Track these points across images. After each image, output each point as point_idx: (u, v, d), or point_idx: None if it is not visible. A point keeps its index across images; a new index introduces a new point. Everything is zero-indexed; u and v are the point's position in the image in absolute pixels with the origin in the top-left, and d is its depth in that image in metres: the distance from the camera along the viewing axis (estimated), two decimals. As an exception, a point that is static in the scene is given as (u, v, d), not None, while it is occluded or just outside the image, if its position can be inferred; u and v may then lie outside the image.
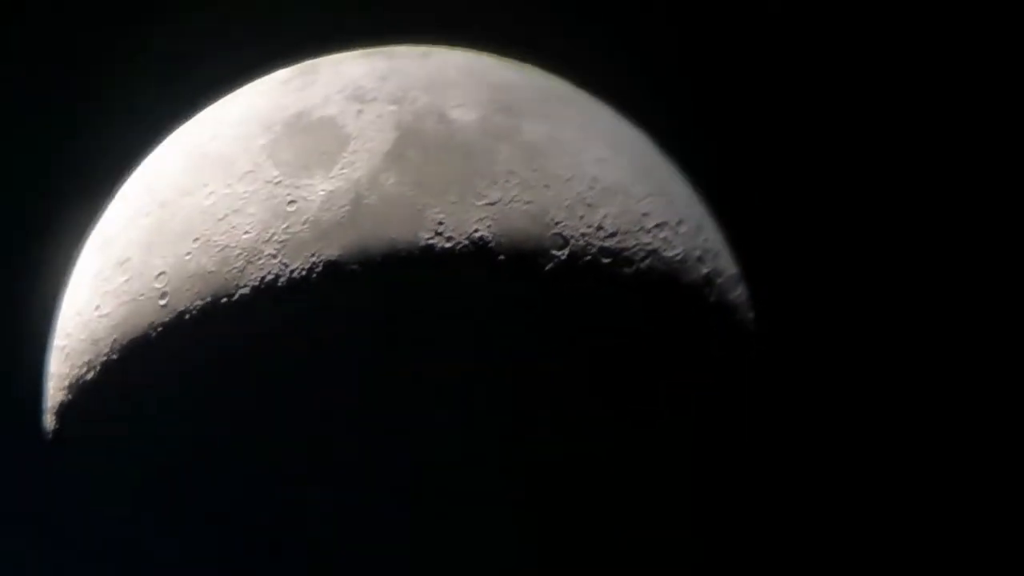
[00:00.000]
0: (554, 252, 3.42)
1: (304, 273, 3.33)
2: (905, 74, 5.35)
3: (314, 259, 3.34)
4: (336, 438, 3.30)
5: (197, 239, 3.48)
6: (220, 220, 3.48)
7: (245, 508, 3.38)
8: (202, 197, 3.56)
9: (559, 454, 3.40)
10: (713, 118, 5.23)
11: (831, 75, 5.34)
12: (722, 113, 5.26)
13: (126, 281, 3.57)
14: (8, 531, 4.95)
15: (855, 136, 5.35)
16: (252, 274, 3.37)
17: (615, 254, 3.49)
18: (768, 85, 5.29)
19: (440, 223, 3.37)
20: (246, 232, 3.43)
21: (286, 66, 4.01)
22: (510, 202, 3.44)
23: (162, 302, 3.46)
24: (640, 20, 5.30)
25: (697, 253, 3.72)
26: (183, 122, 4.03)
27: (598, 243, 3.48)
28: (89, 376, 3.58)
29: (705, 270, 3.72)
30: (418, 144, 3.51)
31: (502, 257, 3.37)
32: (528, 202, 3.46)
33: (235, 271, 3.39)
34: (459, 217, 3.38)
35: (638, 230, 3.58)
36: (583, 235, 3.46)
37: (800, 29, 5.31)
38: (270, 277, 3.35)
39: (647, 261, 3.55)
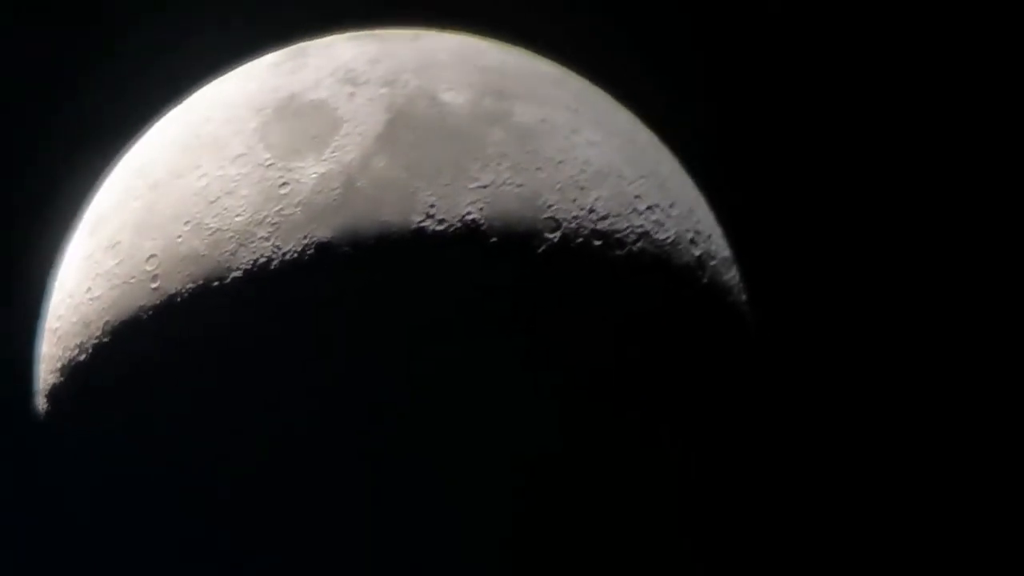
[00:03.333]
0: (546, 235, 3.42)
1: (296, 256, 3.33)
2: (897, 60, 5.36)
3: (306, 242, 3.34)
4: (327, 420, 3.30)
5: (189, 222, 3.48)
6: (212, 203, 3.47)
7: (238, 489, 3.39)
8: (194, 180, 3.55)
9: (549, 439, 3.40)
10: (705, 101, 5.23)
11: (824, 60, 5.34)
12: (714, 96, 5.26)
13: (117, 264, 3.56)
14: None
15: (848, 119, 5.36)
16: (244, 257, 3.37)
17: (607, 236, 3.49)
18: (761, 68, 5.29)
19: (432, 206, 3.37)
20: (238, 215, 3.43)
21: (277, 49, 4.00)
22: (502, 185, 3.44)
23: (153, 285, 3.45)
24: (633, 3, 5.29)
25: (689, 235, 3.72)
26: (174, 105, 4.02)
27: (590, 225, 3.48)
28: (81, 358, 3.58)
29: (697, 252, 3.72)
30: (409, 127, 3.51)
31: (494, 240, 3.37)
32: (520, 185, 3.46)
33: (227, 254, 3.39)
34: (451, 200, 3.38)
35: (630, 212, 3.58)
36: (575, 217, 3.47)
37: (793, 10, 5.31)
38: (262, 260, 3.35)
39: (639, 243, 3.55)
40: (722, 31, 5.29)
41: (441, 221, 3.35)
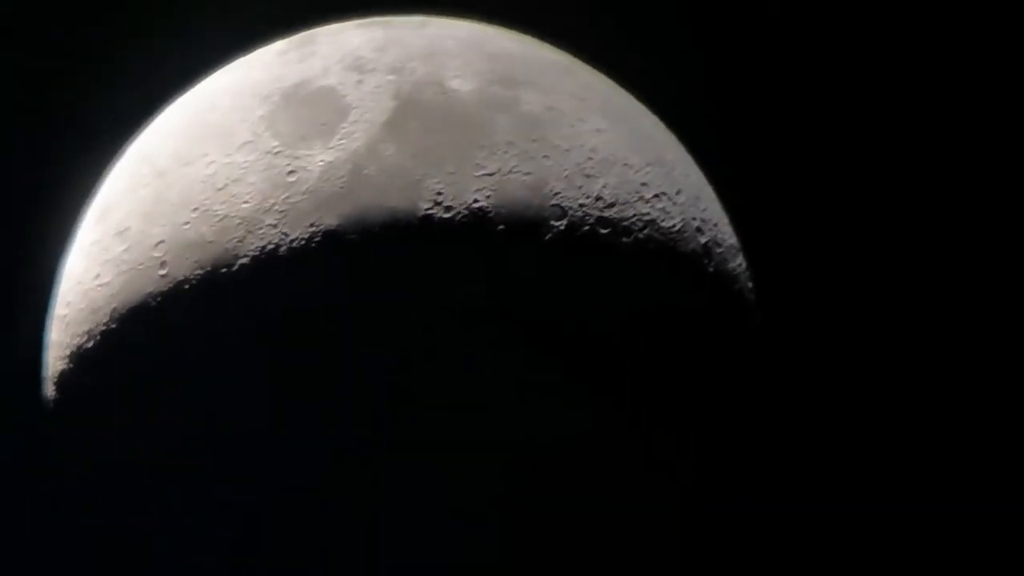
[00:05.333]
0: (553, 222, 3.42)
1: (303, 243, 3.34)
2: (901, 46, 5.35)
3: (313, 229, 3.35)
4: (334, 406, 3.31)
5: (196, 209, 3.49)
6: (220, 190, 3.48)
7: (244, 477, 3.40)
8: (201, 167, 3.56)
9: (554, 427, 3.40)
10: (711, 88, 5.22)
11: (830, 47, 5.33)
12: (721, 83, 5.25)
13: (125, 250, 3.57)
14: (7, 500, 4.97)
15: (853, 108, 5.35)
16: (252, 244, 3.38)
17: (613, 224, 3.50)
18: (767, 55, 5.28)
19: (439, 193, 3.37)
20: (245, 202, 3.43)
21: (285, 37, 4.00)
22: (509, 172, 3.44)
23: (161, 271, 3.46)
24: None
25: (695, 223, 3.72)
26: (182, 93, 4.02)
27: (596, 213, 3.48)
28: (89, 345, 3.59)
29: (703, 240, 3.72)
30: (417, 114, 3.51)
31: (501, 227, 3.37)
32: (527, 172, 3.46)
33: (234, 241, 3.40)
34: (458, 187, 3.39)
35: (636, 200, 3.58)
36: (581, 205, 3.47)
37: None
38: (270, 247, 3.36)
39: (645, 231, 3.55)
40: (729, 17, 5.28)
41: (448, 209, 3.36)
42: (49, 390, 3.80)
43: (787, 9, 5.29)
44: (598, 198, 3.50)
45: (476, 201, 3.38)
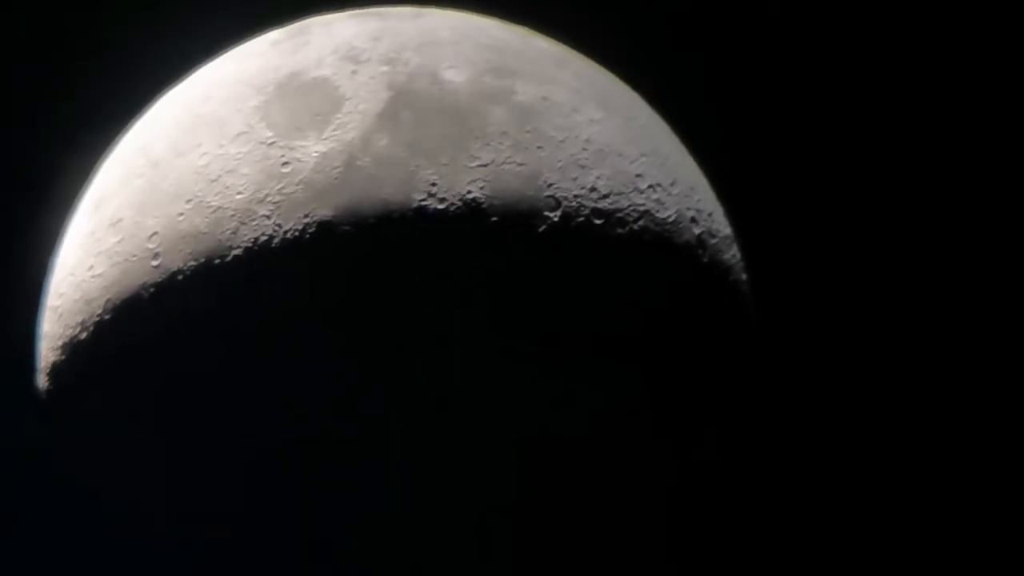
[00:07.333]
0: (547, 214, 3.42)
1: (297, 234, 3.33)
2: (895, 39, 5.35)
3: (307, 220, 3.34)
4: (328, 398, 3.31)
5: (190, 200, 3.48)
6: (213, 181, 3.48)
7: (238, 468, 3.40)
8: (195, 158, 3.55)
9: (547, 418, 3.41)
10: (706, 78, 5.22)
11: (824, 38, 5.33)
12: (715, 73, 5.25)
13: (119, 242, 3.57)
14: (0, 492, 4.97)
15: (848, 99, 5.35)
16: (245, 235, 3.37)
17: (608, 215, 3.50)
18: (762, 45, 5.28)
19: (433, 184, 3.37)
20: (239, 193, 3.43)
21: (278, 27, 4.00)
22: (503, 163, 3.44)
23: (155, 263, 3.46)
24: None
25: (690, 214, 3.73)
26: (175, 83, 4.02)
27: (591, 204, 3.48)
28: (82, 336, 3.59)
29: (698, 231, 3.73)
30: (411, 105, 3.50)
31: (495, 219, 3.37)
32: (521, 164, 3.46)
33: (228, 232, 3.39)
34: (452, 178, 3.38)
35: (631, 191, 3.58)
36: (576, 196, 3.47)
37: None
38: (263, 238, 3.36)
39: (640, 222, 3.55)
40: (725, 9, 5.28)
41: (442, 200, 3.36)
42: (42, 381, 3.80)
43: (782, 5, 5.30)
44: (592, 189, 3.50)
45: (470, 192, 3.38)
